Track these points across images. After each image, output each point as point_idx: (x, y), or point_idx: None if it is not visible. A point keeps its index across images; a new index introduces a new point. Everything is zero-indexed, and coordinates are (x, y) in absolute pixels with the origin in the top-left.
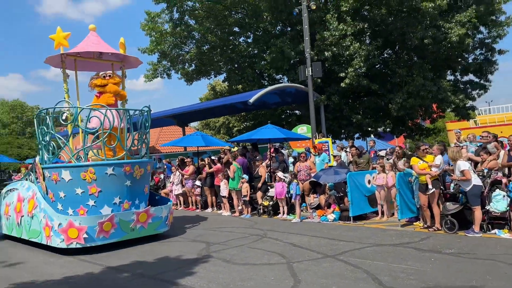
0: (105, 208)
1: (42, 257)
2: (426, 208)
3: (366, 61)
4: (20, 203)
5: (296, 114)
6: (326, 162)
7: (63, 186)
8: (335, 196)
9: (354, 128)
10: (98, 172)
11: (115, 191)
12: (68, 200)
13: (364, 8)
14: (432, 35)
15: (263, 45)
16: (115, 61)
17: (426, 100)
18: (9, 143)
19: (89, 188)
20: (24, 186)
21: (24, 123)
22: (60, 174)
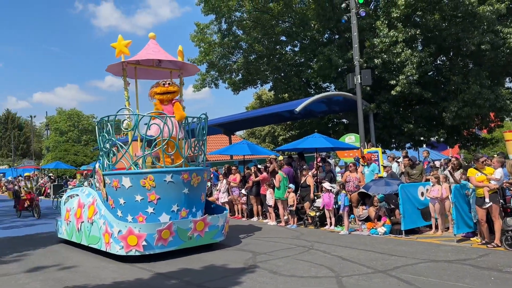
0: (164, 216)
1: (95, 261)
2: (484, 223)
3: (418, 68)
4: (81, 209)
5: (343, 123)
6: (376, 172)
7: (123, 193)
8: (385, 208)
9: (405, 137)
10: (157, 180)
11: (173, 198)
12: (127, 207)
13: (416, 14)
14: (490, 40)
15: (310, 53)
16: (174, 69)
17: (483, 109)
18: (66, 150)
19: (148, 195)
20: (84, 192)
21: (80, 131)
22: (121, 181)
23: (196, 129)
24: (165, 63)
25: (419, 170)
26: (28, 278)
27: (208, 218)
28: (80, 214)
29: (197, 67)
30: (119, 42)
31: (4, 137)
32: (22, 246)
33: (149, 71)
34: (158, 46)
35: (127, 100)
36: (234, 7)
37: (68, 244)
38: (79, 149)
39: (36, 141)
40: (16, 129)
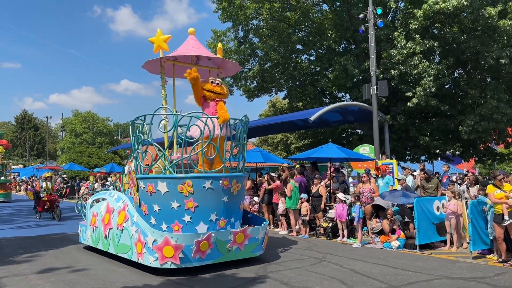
0: (201, 225)
1: (106, 265)
2: (502, 241)
3: (435, 81)
4: (109, 214)
5: (357, 133)
6: (391, 185)
7: (158, 199)
8: (399, 221)
9: (421, 150)
10: (196, 185)
11: (212, 207)
12: (162, 214)
13: (434, 26)
14: (510, 55)
15: (326, 62)
16: (213, 68)
17: (500, 124)
18: (80, 152)
19: (186, 202)
20: (113, 196)
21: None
22: (156, 186)
23: (237, 132)
24: (203, 61)
25: (435, 184)
26: (39, 279)
27: (249, 229)
28: (108, 220)
29: (238, 65)
30: (157, 36)
31: (20, 137)
32: (34, 246)
33: (187, 69)
34: (198, 42)
35: (164, 99)
36: (252, 15)
37: (90, 251)
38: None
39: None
40: (32, 129)
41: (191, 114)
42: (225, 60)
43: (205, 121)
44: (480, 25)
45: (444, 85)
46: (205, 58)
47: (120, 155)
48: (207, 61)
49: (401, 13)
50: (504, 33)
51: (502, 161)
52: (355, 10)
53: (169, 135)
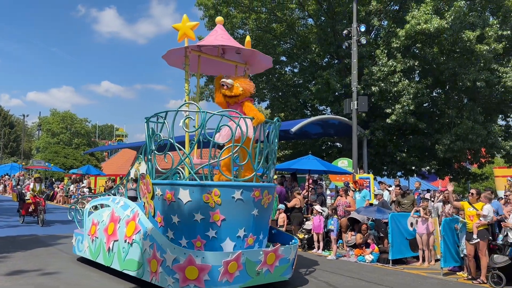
0: (227, 242)
1: (78, 269)
2: (471, 258)
3: (414, 99)
4: (115, 224)
5: (337, 146)
6: (367, 199)
7: (178, 209)
8: (374, 236)
9: (397, 166)
10: (224, 195)
11: (240, 221)
12: (183, 227)
13: (416, 46)
14: (486, 78)
15: (309, 75)
16: (240, 63)
17: (475, 144)
18: (56, 152)
19: (211, 215)
20: (118, 203)
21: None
22: (177, 194)
23: (270, 135)
24: (230, 54)
25: (411, 200)
26: (7, 282)
27: (281, 249)
28: (113, 231)
29: (271, 60)
30: (183, 22)
31: None
32: (3, 247)
33: (212, 62)
34: (226, 33)
35: (187, 95)
36: (238, 24)
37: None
38: (69, 152)
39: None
40: (7, 127)
41: (221, 112)
42: (256, 52)
43: (238, 122)
44: (459, 48)
45: (422, 103)
46: (231, 52)
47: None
48: (234, 55)
49: (383, 32)
50: (481, 57)
51: (475, 181)
52: (339, 26)
53: (191, 135)
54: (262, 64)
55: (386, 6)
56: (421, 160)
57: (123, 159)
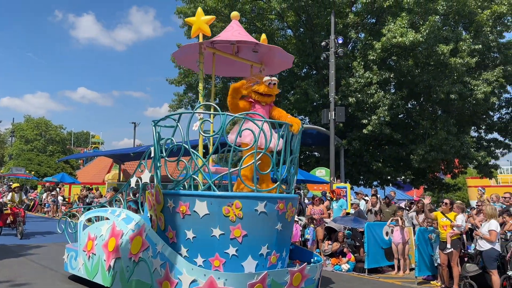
0: (249, 261)
1: (50, 280)
2: (445, 267)
3: (390, 110)
4: (116, 239)
5: (315, 156)
6: (344, 208)
7: (194, 223)
8: (348, 245)
9: (373, 175)
10: (246, 208)
11: (263, 236)
12: (199, 243)
13: (391, 59)
14: (459, 90)
15: (288, 85)
16: (255, 63)
17: (449, 155)
18: (30, 160)
19: (232, 230)
20: (119, 216)
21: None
22: (192, 205)
23: (294, 142)
24: (244, 53)
25: (393, 210)
26: None
27: (307, 268)
28: (114, 247)
29: (291, 61)
30: (197, 17)
31: None
32: None
33: (225, 62)
34: (243, 29)
35: (202, 96)
36: (218, 33)
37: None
38: (43, 159)
39: None
40: None
41: (243, 114)
42: (275, 50)
43: (261, 126)
44: (433, 61)
45: (397, 114)
46: (247, 51)
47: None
48: (249, 54)
49: (360, 44)
50: (454, 70)
51: (448, 191)
52: (318, 38)
53: (205, 140)
54: (280, 63)
55: (363, 19)
56: (396, 170)
57: (99, 167)
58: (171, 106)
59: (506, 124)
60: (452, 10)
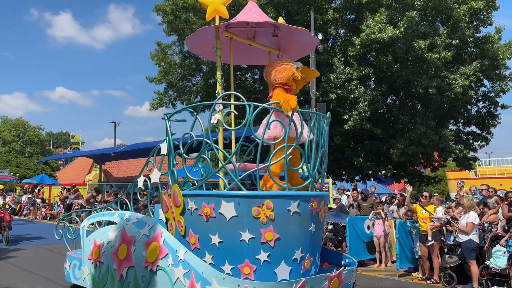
0: (282, 267)
1: (31, 283)
2: (426, 259)
3: (370, 106)
4: (128, 246)
5: None
6: None
7: (219, 226)
8: (330, 239)
9: (355, 170)
10: (278, 209)
11: (297, 239)
12: (226, 249)
13: (371, 54)
14: (437, 85)
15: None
16: (273, 49)
17: (428, 148)
18: (8, 162)
19: (263, 233)
20: (129, 220)
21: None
22: (218, 207)
23: (323, 133)
24: (261, 38)
25: (370, 203)
26: None
27: (344, 273)
28: (126, 254)
29: (314, 44)
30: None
31: None
32: None
33: (240, 49)
34: (261, 11)
35: (220, 85)
36: None
37: None
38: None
39: None
40: None
41: (269, 104)
42: (299, 33)
43: (291, 116)
44: (412, 56)
45: (378, 110)
46: (263, 36)
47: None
48: (266, 39)
49: (340, 40)
50: (432, 65)
51: (429, 184)
52: None
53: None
54: (301, 49)
55: (342, 15)
56: (377, 165)
57: (80, 168)
58: (151, 105)
59: (483, 117)
60: (429, 5)
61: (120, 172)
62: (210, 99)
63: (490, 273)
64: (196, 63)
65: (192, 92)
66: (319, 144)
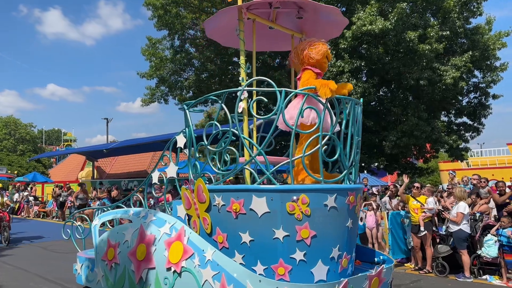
0: (319, 266)
1: (24, 281)
2: (418, 250)
3: (362, 98)
4: (147, 246)
5: None
6: None
7: (251, 224)
8: None
9: None
10: (314, 203)
11: (334, 236)
12: (257, 248)
13: (362, 47)
14: (428, 76)
15: (261, 76)
16: (296, 32)
17: (420, 140)
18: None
19: (298, 230)
20: (145, 217)
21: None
22: (248, 203)
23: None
24: (282, 19)
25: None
26: None
27: (384, 271)
28: (146, 255)
29: (342, 26)
30: None
31: None
32: None
33: (261, 32)
34: None
35: (244, 70)
36: (188, 25)
37: None
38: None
39: None
40: None
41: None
42: (329, 12)
43: (326, 103)
44: (403, 48)
45: (370, 102)
46: (285, 18)
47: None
48: (289, 20)
49: None
50: (423, 56)
51: (422, 175)
52: None
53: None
54: (328, 30)
55: None
56: (370, 157)
57: (72, 165)
58: (143, 101)
59: (474, 108)
60: None
61: (113, 168)
62: (202, 94)
63: (481, 262)
64: (187, 58)
65: (184, 87)
66: (354, 133)
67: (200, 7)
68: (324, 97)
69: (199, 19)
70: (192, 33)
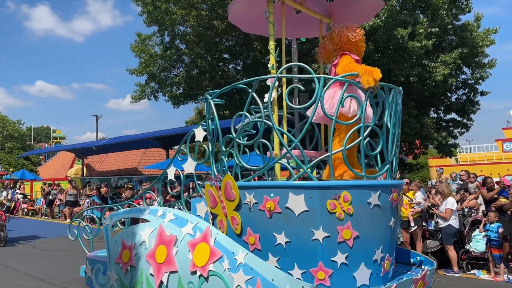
0: (362, 270)
1: (13, 279)
2: (408, 245)
3: None
4: (167, 247)
5: None
6: None
7: (287, 223)
8: None
9: None
10: (357, 201)
11: (377, 237)
12: (294, 250)
13: None
14: (418, 73)
15: (252, 73)
16: (324, 17)
17: (410, 136)
18: None
19: (340, 231)
20: (163, 217)
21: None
22: (284, 201)
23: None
24: (310, 2)
25: None
26: None
27: (428, 273)
28: (166, 257)
29: (376, 10)
30: None
31: None
32: None
33: (288, 18)
34: None
35: (275, 57)
36: (178, 21)
37: None
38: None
39: None
40: None
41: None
42: None
43: (367, 93)
44: (393, 45)
45: None
46: (313, 1)
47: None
48: (317, 4)
49: None
50: (413, 53)
51: (411, 171)
52: None
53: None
54: (359, 14)
55: None
56: None
57: (61, 162)
58: (133, 97)
59: (463, 104)
60: None
61: (102, 166)
62: (192, 90)
63: (470, 257)
64: (177, 54)
65: (174, 84)
66: (395, 124)
67: (190, 3)
68: (366, 85)
69: (189, 15)
70: (182, 29)
